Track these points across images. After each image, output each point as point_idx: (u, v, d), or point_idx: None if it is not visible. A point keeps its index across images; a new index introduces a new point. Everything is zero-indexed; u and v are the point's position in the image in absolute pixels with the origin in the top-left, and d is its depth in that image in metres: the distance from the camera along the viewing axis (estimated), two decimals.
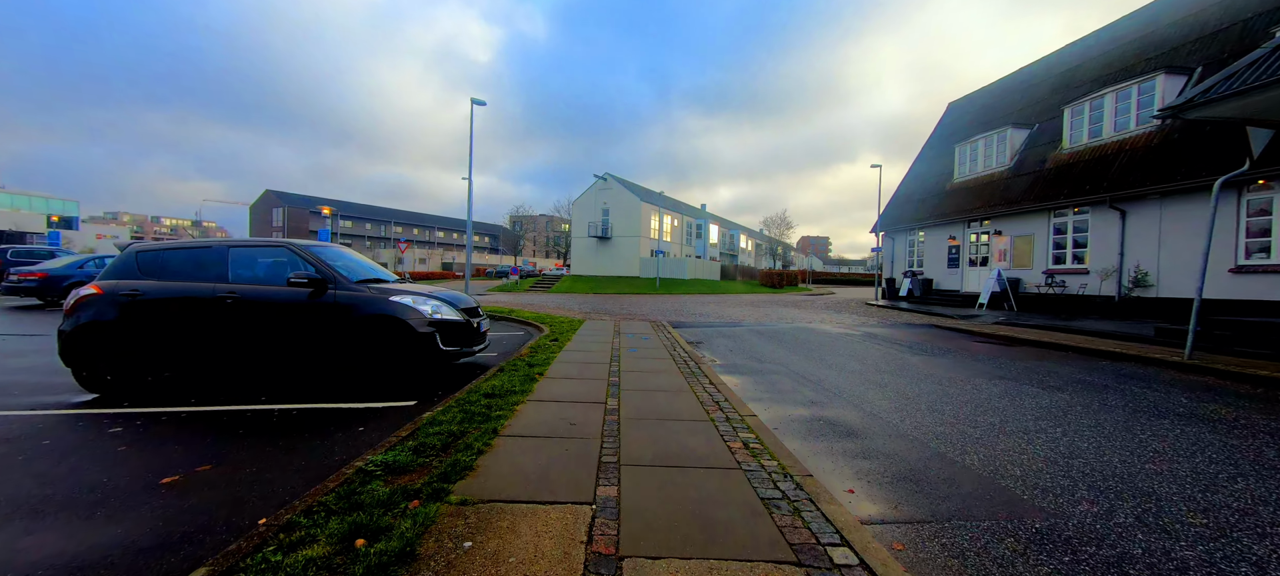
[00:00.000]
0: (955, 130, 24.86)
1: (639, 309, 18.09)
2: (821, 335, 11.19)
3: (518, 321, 13.11)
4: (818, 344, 9.84)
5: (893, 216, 25.84)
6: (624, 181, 46.63)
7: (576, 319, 13.16)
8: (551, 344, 8.31)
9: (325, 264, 5.95)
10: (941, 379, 6.55)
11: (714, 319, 14.75)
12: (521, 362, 6.45)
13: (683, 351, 7.99)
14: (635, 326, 11.52)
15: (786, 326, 12.89)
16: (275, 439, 4.01)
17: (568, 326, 11.22)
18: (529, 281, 41.81)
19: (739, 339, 10.43)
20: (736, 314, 16.59)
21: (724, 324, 13.38)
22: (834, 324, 13.73)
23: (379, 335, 5.73)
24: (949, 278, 21.65)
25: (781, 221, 69.17)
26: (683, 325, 12.84)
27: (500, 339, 10.13)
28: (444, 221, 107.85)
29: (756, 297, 28.58)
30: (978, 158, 21.08)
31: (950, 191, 22.19)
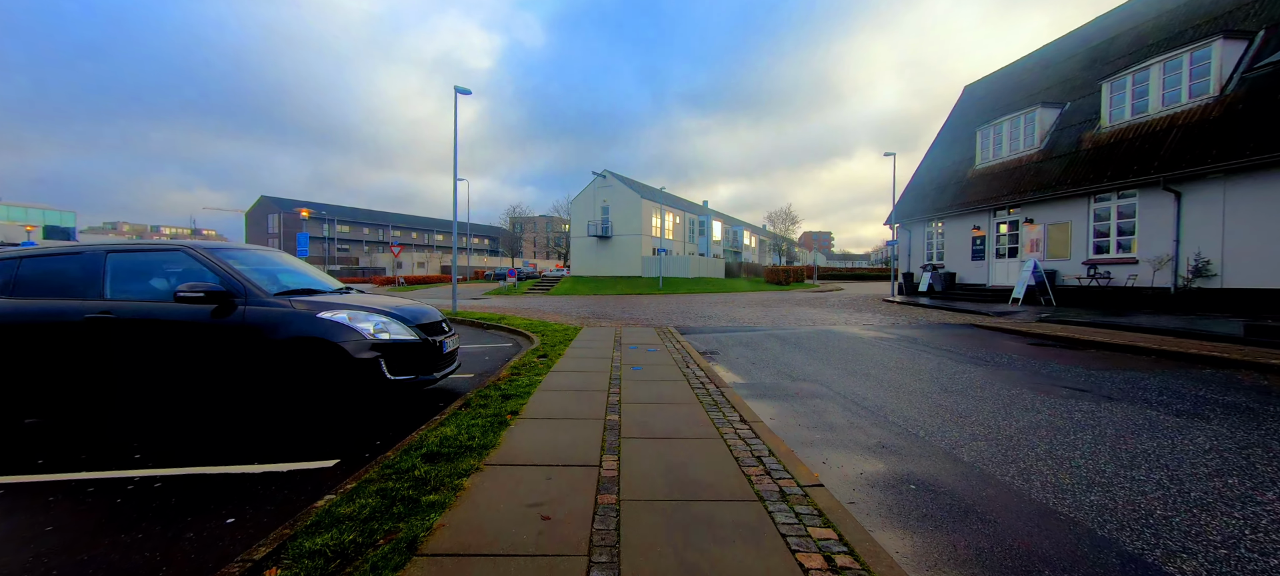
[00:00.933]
0: (974, 114, 23.39)
1: (642, 312, 16.71)
2: (851, 340, 9.78)
3: (507, 330, 11.73)
4: (851, 352, 8.43)
5: (908, 207, 24.39)
6: (624, 178, 45.21)
7: (572, 326, 11.78)
8: (539, 362, 6.91)
9: (232, 270, 4.57)
10: (1030, 404, 5.14)
11: (725, 322, 13.35)
12: (495, 393, 5.06)
13: (697, 368, 6.60)
14: (638, 334, 10.14)
15: (808, 330, 11.48)
16: (102, 532, 2.63)
17: (562, 336, 9.83)
18: (527, 283, 40.45)
19: (759, 348, 9.03)
20: (748, 315, 15.19)
21: (737, 328, 11.98)
22: (859, 325, 12.32)
23: (301, 364, 4.35)
24: (974, 271, 20.20)
25: (786, 216, 67.62)
26: (691, 331, 11.44)
27: (481, 354, 8.74)
28: (443, 225, 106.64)
29: (764, 296, 27.16)
30: (1002, 141, 19.62)
31: (973, 178, 20.73)
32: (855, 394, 5.60)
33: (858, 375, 6.59)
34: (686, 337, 10.04)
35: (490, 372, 6.85)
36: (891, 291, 24.56)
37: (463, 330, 12.30)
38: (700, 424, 4.13)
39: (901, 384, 6.06)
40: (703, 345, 9.30)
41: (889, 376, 6.48)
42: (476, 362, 7.82)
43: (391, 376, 4.56)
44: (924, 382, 6.11)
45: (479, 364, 7.72)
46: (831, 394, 5.61)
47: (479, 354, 8.76)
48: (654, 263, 38.67)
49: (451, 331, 5.61)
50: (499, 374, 6.12)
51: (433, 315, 5.40)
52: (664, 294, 29.59)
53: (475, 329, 12.59)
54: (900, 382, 6.13)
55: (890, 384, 6.07)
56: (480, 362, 7.84)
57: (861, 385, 6.02)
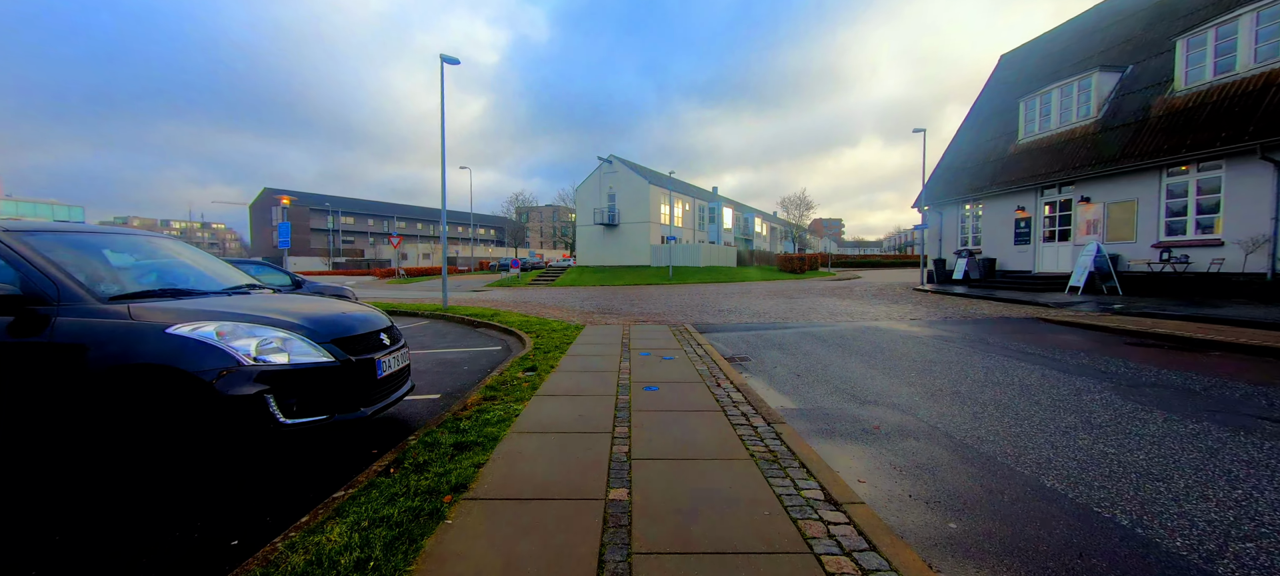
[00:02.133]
0: (1015, 84, 21.37)
1: (652, 305, 15.13)
2: (906, 341, 8.14)
3: (499, 329, 10.21)
4: (915, 358, 6.80)
5: (939, 189, 22.50)
6: (631, 164, 43.41)
7: (574, 324, 10.23)
8: (524, 378, 5.35)
9: (37, 261, 3.04)
10: (1231, 449, 3.51)
11: (747, 316, 11.73)
12: (448, 437, 3.50)
13: (730, 387, 5.01)
14: (650, 334, 8.56)
15: (846, 327, 9.85)
16: None
17: (560, 338, 8.28)
18: (532, 274, 38.99)
19: (798, 352, 7.42)
20: (770, 308, 13.55)
21: (763, 325, 10.36)
22: (901, 319, 10.66)
23: (138, 406, 2.83)
24: (1017, 256, 18.36)
25: (800, 202, 65.48)
26: (711, 329, 9.85)
27: (459, 363, 7.21)
28: (449, 215, 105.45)
29: (781, 285, 25.46)
30: (1051, 111, 17.67)
31: (1015, 154, 18.81)
32: (960, 429, 3.99)
33: (944, 395, 4.97)
34: (707, 338, 8.46)
35: (461, 393, 5.32)
36: (921, 279, 22.76)
37: (450, 329, 10.81)
38: (762, 505, 2.55)
39: (1015, 409, 4.44)
40: (729, 348, 7.71)
41: (990, 397, 4.86)
42: (449, 376, 6.30)
43: (286, 420, 3.02)
44: (1044, 408, 4.48)
45: (452, 377, 6.19)
46: (926, 428, 4.01)
47: (457, 361, 7.24)
48: (663, 251, 37.01)
49: (397, 345, 4.07)
50: (467, 399, 4.57)
51: (366, 322, 3.85)
52: (674, 284, 27.98)
53: (464, 327, 11.09)
54: (1011, 407, 4.51)
55: (998, 409, 4.45)
56: (455, 375, 6.31)
57: (959, 412, 4.41)
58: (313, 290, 10.25)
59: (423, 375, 6.31)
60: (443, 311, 13.12)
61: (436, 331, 10.48)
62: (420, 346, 8.59)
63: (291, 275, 10.14)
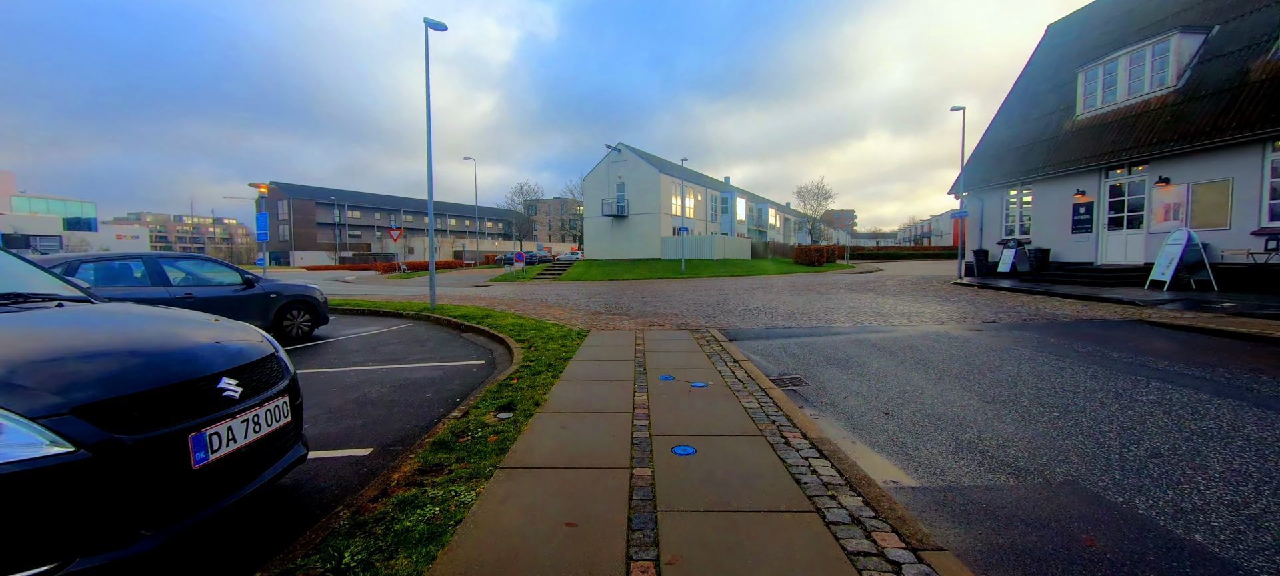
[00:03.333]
0: (1068, 54, 19.25)
1: (667, 303, 13.43)
2: (993, 354, 6.38)
3: (488, 335, 8.58)
4: (1027, 381, 5.05)
5: (980, 174, 20.47)
6: (640, 152, 41.53)
7: (576, 328, 8.57)
8: (490, 430, 3.65)
9: None
10: None
11: (781, 318, 9.99)
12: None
13: (803, 441, 3.31)
14: (670, 344, 6.87)
15: (905, 332, 8.09)
16: None
17: (557, 349, 6.63)
18: (537, 268, 37.44)
19: (863, 369, 5.69)
20: (801, 306, 11.79)
21: (803, 329, 8.62)
22: (962, 320, 8.86)
23: None
24: (1075, 246, 16.37)
25: (818, 192, 63.13)
26: (743, 335, 8.13)
27: (424, 386, 5.57)
28: (456, 209, 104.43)
29: (805, 279, 23.63)
30: (1117, 82, 15.61)
31: (1073, 132, 16.77)
32: (1249, 544, 2.26)
33: (1139, 458, 3.22)
34: (741, 348, 6.75)
35: (405, 444, 3.68)
36: (959, 272, 20.80)
37: (431, 334, 9.20)
38: None
39: (1259, 477, 2.69)
40: (773, 365, 6.00)
41: (1217, 461, 3.10)
42: (402, 411, 4.66)
43: None
44: None
45: (405, 414, 4.56)
46: (1178, 544, 2.28)
47: (423, 383, 5.60)
48: (675, 243, 35.24)
49: (264, 395, 2.41)
50: (390, 477, 2.91)
51: (189, 361, 2.19)
52: (687, 278, 26.24)
53: (447, 332, 9.48)
54: (1245, 473, 2.76)
55: (1232, 483, 2.70)
56: (409, 410, 4.67)
57: (1205, 496, 2.67)
58: (270, 290, 8.70)
59: (369, 406, 4.68)
60: (429, 312, 11.53)
61: (414, 337, 8.88)
62: (387, 360, 6.98)
63: (244, 273, 8.58)
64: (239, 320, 2.98)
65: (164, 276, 7.58)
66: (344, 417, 4.39)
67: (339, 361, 6.99)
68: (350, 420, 4.31)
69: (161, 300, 7.21)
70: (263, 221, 15.87)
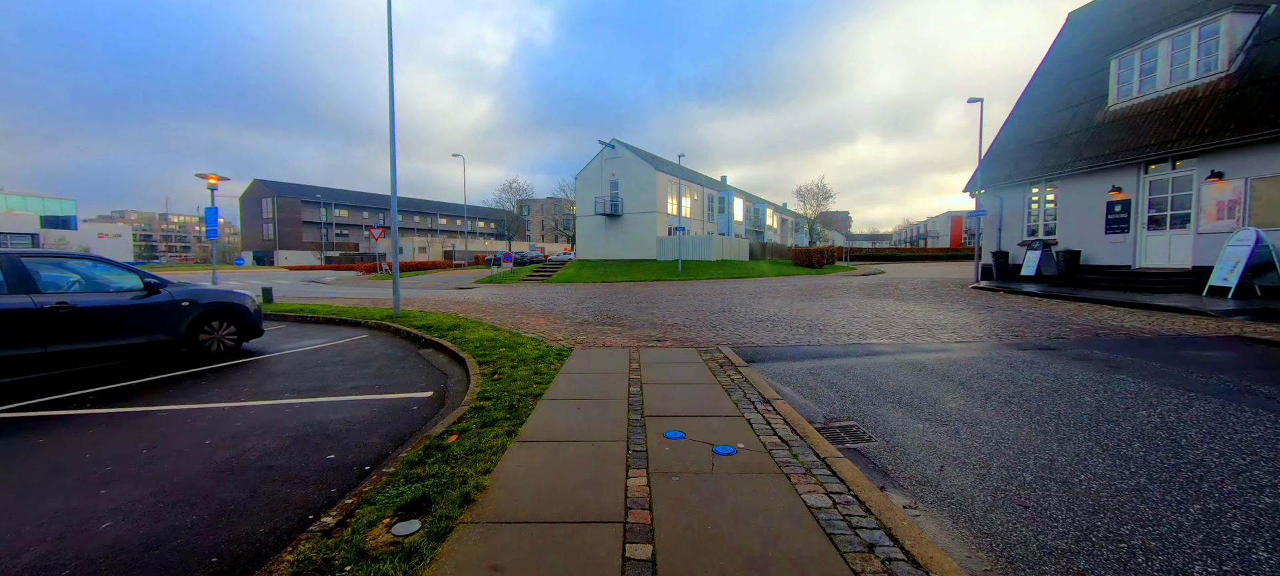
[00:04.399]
0: (1095, 41, 17.93)
1: (665, 309, 11.90)
2: (1099, 391, 4.91)
3: (449, 353, 7.03)
4: (1176, 433, 3.57)
5: (998, 171, 19.12)
6: (635, 149, 39.99)
7: (557, 347, 7.03)
8: (384, 557, 2.12)
9: None
10: None
11: (801, 331, 8.49)
12: None
13: None
14: (674, 370, 5.34)
15: (963, 350, 6.62)
16: None
17: (527, 377, 5.08)
18: (527, 269, 35.78)
19: (940, 412, 4.19)
20: (819, 315, 10.31)
21: (835, 347, 7.12)
22: (1020, 336, 7.41)
23: None
24: (1109, 248, 15.01)
25: (818, 192, 61.83)
26: (762, 354, 6.61)
27: (341, 435, 3.98)
28: (447, 208, 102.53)
29: (808, 282, 22.20)
30: (1157, 68, 14.28)
31: (1106, 124, 15.43)
32: None
33: None
34: (763, 374, 5.25)
35: (252, 564, 2.13)
36: (975, 275, 19.44)
37: (382, 351, 7.63)
38: None
39: None
40: (814, 403, 4.49)
41: None
42: (263, 504, 3.10)
43: None
44: None
45: (257, 515, 3.00)
46: None
47: (340, 431, 4.04)
48: (671, 243, 33.75)
49: None
50: None
51: None
52: (685, 280, 24.75)
53: (402, 348, 7.90)
54: None
55: None
56: (277, 500, 3.12)
57: None
58: (182, 297, 7.09)
59: (227, 483, 3.12)
60: (390, 320, 9.94)
61: (361, 355, 7.31)
62: (312, 389, 5.42)
63: (147, 276, 6.95)
64: (138, 334, 1.44)
65: (28, 280, 5.95)
66: (146, 516, 2.81)
67: (249, 391, 5.41)
68: (149, 523, 2.73)
69: (16, 313, 5.61)
70: (212, 217, 14.20)
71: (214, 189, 13.90)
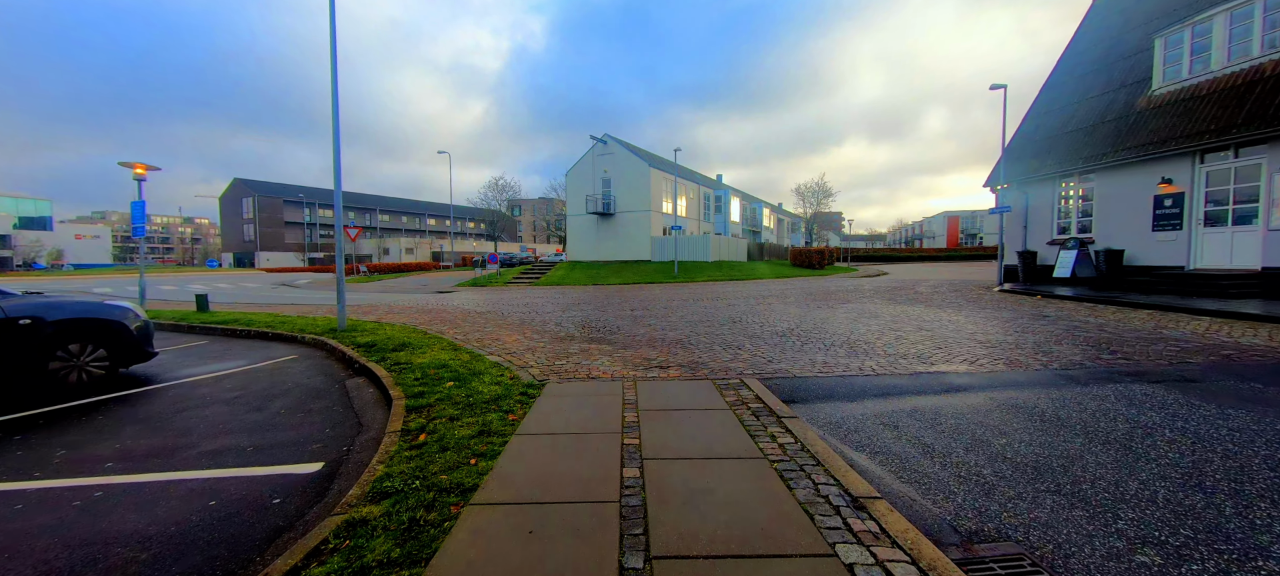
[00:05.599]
0: (1130, 21, 16.45)
1: (665, 319, 10.17)
2: None
3: (384, 386, 5.25)
4: None
5: (1023, 165, 17.58)
6: (628, 145, 38.23)
7: (526, 378, 5.27)
8: None
9: None
10: None
11: (840, 351, 6.79)
12: None
13: None
14: (686, 420, 3.61)
15: (1080, 391, 4.95)
16: None
17: (470, 433, 3.32)
18: (515, 270, 33.91)
19: (1140, 513, 2.48)
20: (850, 327, 8.62)
21: (899, 380, 5.42)
22: (1101, 356, 5.78)
23: None
24: (1157, 247, 13.48)
25: (819, 190, 60.28)
26: (804, 391, 4.89)
27: (116, 571, 2.20)
28: (435, 208, 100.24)
29: (818, 284, 20.58)
30: (1212, 46, 12.76)
31: (1151, 110, 13.91)
32: None
33: None
34: (820, 429, 3.54)
35: None
36: (998, 277, 17.88)
37: (303, 381, 5.83)
38: None
39: None
40: (918, 490, 2.77)
41: None
42: None
43: None
44: None
45: None
46: None
47: (117, 566, 2.27)
48: (667, 243, 32.07)
49: None
50: None
51: None
52: (681, 282, 23.05)
53: (329, 377, 6.11)
54: None
55: None
56: None
57: None
58: (23, 313, 5.28)
59: None
60: (331, 336, 8.13)
61: (269, 387, 5.51)
62: (162, 449, 3.63)
63: None
64: None
65: None
66: None
67: (59, 459, 3.61)
68: None
69: None
70: (139, 212, 12.27)
71: (141, 180, 12.00)
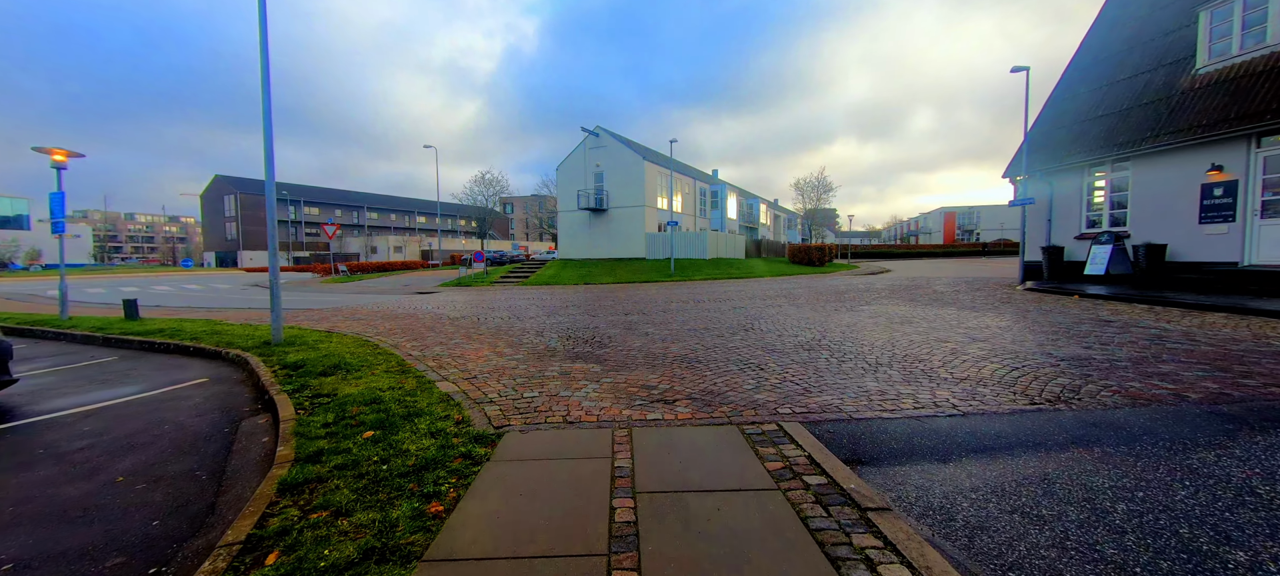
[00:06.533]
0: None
1: (665, 326, 8.75)
2: None
3: (282, 433, 3.80)
4: None
5: (1046, 152, 16.32)
6: (621, 137, 36.74)
7: (473, 426, 3.84)
8: None
9: None
10: None
11: (894, 373, 5.41)
12: None
13: None
14: (712, 504, 2.19)
15: (1273, 437, 3.59)
16: None
17: (355, 547, 1.89)
18: (502, 269, 32.39)
19: None
20: (887, 337, 7.26)
21: (1002, 423, 4.06)
22: (1234, 378, 4.47)
23: None
24: (1204, 241, 12.22)
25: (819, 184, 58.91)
26: (874, 444, 3.49)
27: None
28: (425, 206, 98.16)
29: (824, 283, 19.26)
30: (1269, 17, 11.50)
31: (1196, 89, 12.65)
32: None
33: None
34: (918, 527, 2.16)
35: None
36: (1020, 274, 16.63)
37: (192, 420, 4.37)
38: None
39: None
40: None
41: None
42: None
43: None
44: None
45: None
46: None
47: None
48: (662, 241, 30.66)
49: None
50: None
51: None
52: (679, 282, 21.67)
53: (234, 407, 4.64)
54: None
55: None
56: None
57: None
58: None
59: None
60: (260, 351, 6.66)
61: (140, 430, 4.05)
62: None
63: None
64: None
65: None
66: None
67: None
68: None
69: None
70: (57, 205, 10.68)
71: (60, 168, 10.41)
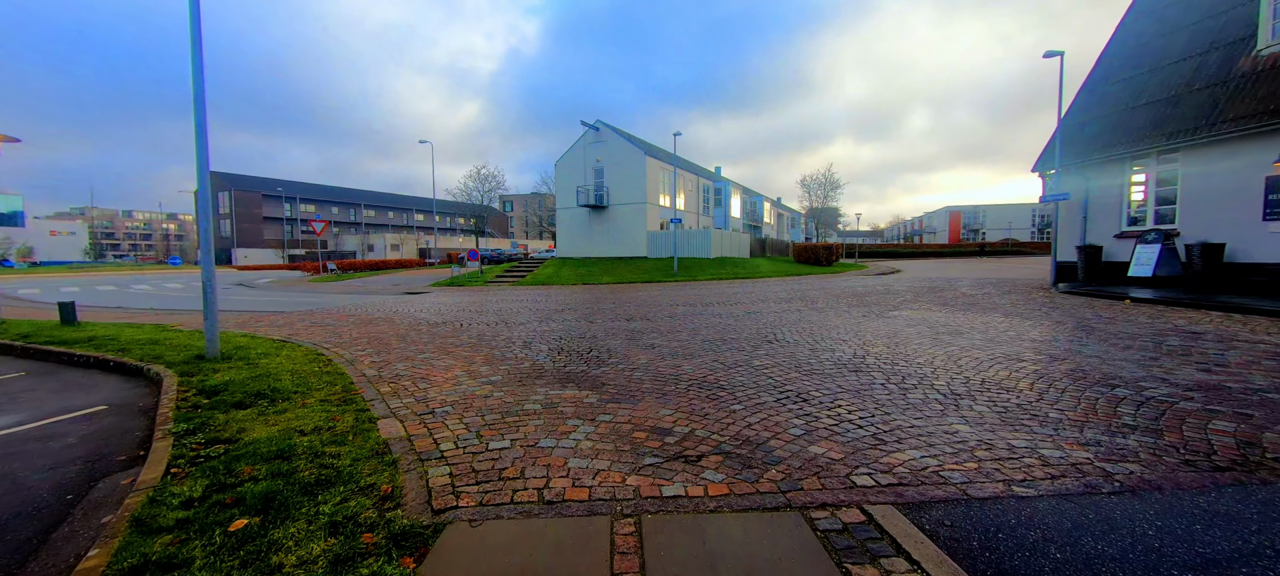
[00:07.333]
0: None
1: (673, 335, 7.56)
2: None
3: (146, 484, 2.60)
4: None
5: (1083, 144, 15.10)
6: (622, 132, 35.51)
7: (398, 504, 2.66)
8: None
9: None
10: None
11: (984, 409, 4.23)
12: None
13: None
14: None
15: None
16: None
17: None
18: (498, 269, 31.21)
19: None
20: (939, 354, 6.09)
21: (1186, 514, 2.87)
22: None
23: None
24: (1271, 240, 11.01)
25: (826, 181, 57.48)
26: (1014, 543, 2.33)
27: None
28: (423, 204, 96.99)
29: (839, 284, 18.06)
30: None
31: (1260, 71, 11.42)
32: None
33: None
34: None
35: None
36: (1052, 276, 15.42)
37: (56, 467, 3.17)
38: None
39: None
40: None
41: None
42: None
43: None
44: None
45: None
46: None
47: None
48: (664, 239, 29.48)
49: None
50: None
51: None
52: (682, 282, 20.48)
53: (118, 445, 3.47)
54: None
55: None
56: None
57: None
58: None
59: None
60: (184, 368, 5.48)
61: None
62: None
63: None
64: None
65: None
66: None
67: None
68: None
69: None
70: None
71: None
